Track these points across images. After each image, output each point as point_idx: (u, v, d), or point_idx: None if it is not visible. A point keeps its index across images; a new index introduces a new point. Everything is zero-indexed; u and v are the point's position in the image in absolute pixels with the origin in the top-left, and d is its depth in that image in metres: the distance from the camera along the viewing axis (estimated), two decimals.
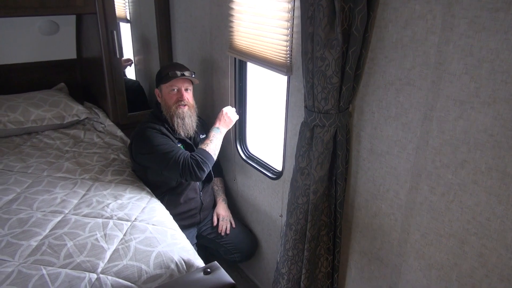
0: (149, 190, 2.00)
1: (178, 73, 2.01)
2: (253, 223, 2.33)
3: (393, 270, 1.50)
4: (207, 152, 1.96)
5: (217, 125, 2.04)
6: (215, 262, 1.30)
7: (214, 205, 2.32)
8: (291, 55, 1.68)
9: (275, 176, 2.03)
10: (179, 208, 2.11)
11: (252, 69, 2.12)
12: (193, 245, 2.09)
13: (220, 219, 2.24)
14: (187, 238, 1.71)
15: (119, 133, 2.58)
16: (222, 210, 2.27)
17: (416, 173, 1.32)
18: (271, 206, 2.11)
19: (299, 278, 1.69)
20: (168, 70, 2.03)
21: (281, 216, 2.04)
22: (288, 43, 1.67)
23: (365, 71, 1.39)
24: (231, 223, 2.26)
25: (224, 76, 2.21)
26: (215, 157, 1.99)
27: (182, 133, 2.04)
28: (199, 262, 1.57)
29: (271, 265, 2.27)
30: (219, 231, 2.21)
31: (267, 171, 2.09)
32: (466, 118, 1.15)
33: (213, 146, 1.99)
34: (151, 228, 1.70)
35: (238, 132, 2.27)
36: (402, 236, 1.43)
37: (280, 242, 2.07)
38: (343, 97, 1.38)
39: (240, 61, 2.10)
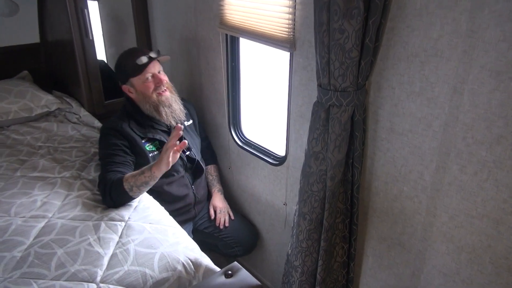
0: None
1: (145, 58, 1.85)
2: (253, 213, 2.27)
3: (416, 255, 1.47)
4: (122, 187, 1.68)
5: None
6: (235, 262, 1.23)
7: (209, 196, 2.25)
8: (294, 28, 1.59)
9: (277, 162, 1.97)
10: (172, 205, 2.02)
11: (245, 46, 2.02)
12: None
13: (217, 211, 2.18)
14: None
15: (97, 123, 2.44)
16: (218, 202, 2.21)
17: (444, 151, 1.27)
18: (274, 195, 2.05)
19: (315, 270, 1.65)
20: (132, 60, 1.85)
21: (285, 204, 1.99)
22: (291, 16, 1.57)
23: (383, 43, 1.32)
24: (229, 215, 2.20)
25: (214, 55, 2.09)
26: (133, 194, 1.69)
27: (173, 122, 1.93)
28: (207, 261, 1.52)
29: (274, 256, 2.23)
30: (217, 225, 2.15)
31: (268, 157, 2.03)
32: (503, 89, 1.10)
33: (133, 180, 1.68)
34: (148, 227, 1.61)
35: (232, 116, 2.18)
36: (427, 219, 1.39)
37: (286, 233, 2.05)
38: (361, 72, 1.31)
39: (232, 38, 1.98)
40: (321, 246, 1.57)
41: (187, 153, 2.04)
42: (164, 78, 1.91)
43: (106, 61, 3.00)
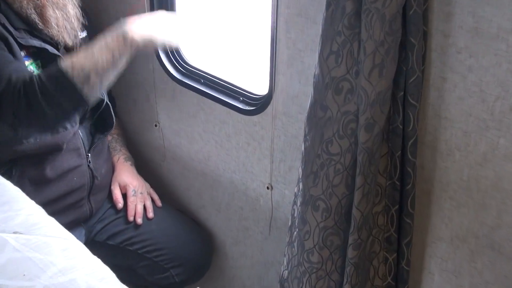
0: None
1: None
2: (205, 210, 2.33)
3: None
4: (63, 72, 1.75)
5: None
6: None
7: None
8: None
9: (252, 108, 2.00)
10: (47, 190, 2.05)
11: None
12: None
13: (129, 192, 2.25)
14: None
15: None
16: (128, 177, 2.29)
17: None
18: (247, 171, 2.09)
19: None
20: None
21: (269, 188, 2.03)
22: None
23: None
24: (153, 201, 2.29)
25: None
26: (88, 91, 1.78)
27: (67, 38, 1.97)
28: None
29: (249, 285, 2.29)
30: (129, 218, 2.21)
31: (234, 99, 2.05)
32: None
33: (83, 59, 1.77)
34: (13, 240, 1.62)
35: None
36: None
37: (274, 241, 2.09)
38: None
39: None
40: (348, 258, 1.60)
41: None
42: None
43: None
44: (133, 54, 1.76)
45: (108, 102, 2.12)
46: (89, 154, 2.11)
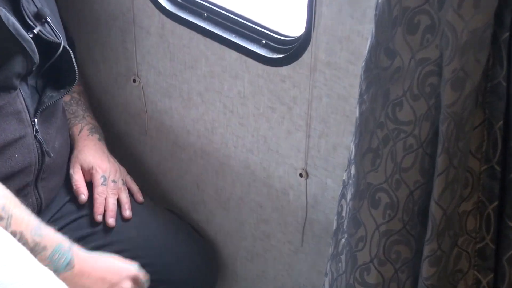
0: None
1: None
2: (206, 206, 2.35)
3: None
4: None
5: None
6: None
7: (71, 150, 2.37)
8: None
9: (281, 55, 1.99)
10: None
11: None
12: None
13: (97, 179, 2.27)
14: None
15: None
16: (95, 156, 2.33)
17: None
18: (270, 150, 2.10)
19: None
20: None
21: (303, 175, 2.04)
22: None
23: None
24: (131, 194, 2.32)
25: None
26: None
27: None
28: None
29: None
30: (97, 217, 2.24)
31: (253, 43, 2.05)
32: None
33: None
34: None
35: None
36: None
37: (310, 253, 2.10)
38: None
39: None
40: (423, 278, 1.60)
41: (37, 28, 2.06)
42: None
43: None
44: None
45: (67, 47, 2.12)
46: (35, 120, 2.11)
